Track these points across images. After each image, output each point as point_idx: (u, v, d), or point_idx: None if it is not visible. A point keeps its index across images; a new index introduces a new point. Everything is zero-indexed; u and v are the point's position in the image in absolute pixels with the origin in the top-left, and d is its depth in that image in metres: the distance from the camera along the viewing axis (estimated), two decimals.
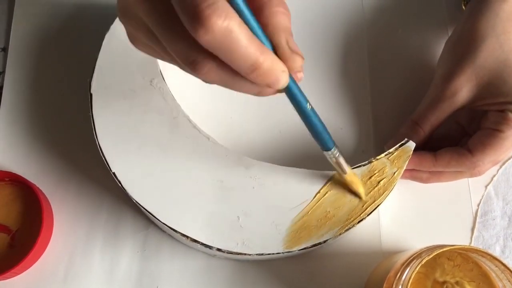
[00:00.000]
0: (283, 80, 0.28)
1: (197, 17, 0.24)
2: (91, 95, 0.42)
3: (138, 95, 0.42)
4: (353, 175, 0.39)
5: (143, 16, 0.28)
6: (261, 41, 0.27)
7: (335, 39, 0.50)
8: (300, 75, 0.30)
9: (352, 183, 0.39)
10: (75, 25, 0.50)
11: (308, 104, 0.33)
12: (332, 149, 0.36)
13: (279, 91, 0.30)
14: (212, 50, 0.25)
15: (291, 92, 0.31)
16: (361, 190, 0.39)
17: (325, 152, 0.36)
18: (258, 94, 0.29)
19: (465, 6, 0.48)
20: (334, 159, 0.37)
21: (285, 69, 0.28)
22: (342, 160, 0.37)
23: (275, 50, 0.28)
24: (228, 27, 0.24)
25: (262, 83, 0.27)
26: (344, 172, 0.38)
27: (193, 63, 0.27)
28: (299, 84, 0.31)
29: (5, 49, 0.50)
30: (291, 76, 0.29)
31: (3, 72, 0.49)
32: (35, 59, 0.49)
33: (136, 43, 0.31)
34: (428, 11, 0.51)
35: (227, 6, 0.25)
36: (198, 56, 0.26)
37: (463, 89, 0.41)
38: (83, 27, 0.50)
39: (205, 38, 0.24)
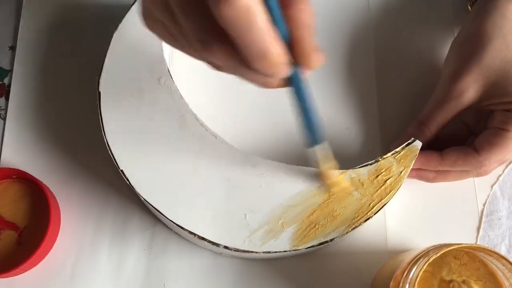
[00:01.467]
0: (284, 74, 0.28)
1: None
2: (99, 93, 0.42)
3: (146, 93, 0.42)
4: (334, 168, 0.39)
5: None
6: (279, 31, 0.27)
7: (341, 40, 0.50)
8: (316, 63, 0.29)
9: (331, 183, 0.40)
10: (83, 24, 0.50)
11: (310, 97, 0.33)
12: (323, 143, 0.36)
13: (283, 85, 0.30)
14: (228, 27, 0.25)
15: (295, 86, 0.31)
16: (342, 184, 0.40)
17: (316, 147, 0.36)
18: (262, 85, 0.29)
19: (471, 7, 0.48)
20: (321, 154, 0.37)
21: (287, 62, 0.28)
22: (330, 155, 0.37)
23: (295, 44, 0.28)
24: (249, 7, 0.24)
25: (269, 74, 0.27)
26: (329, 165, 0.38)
27: (204, 42, 0.27)
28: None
29: (13, 48, 0.50)
30: (298, 73, 0.29)
31: (11, 70, 0.49)
32: (43, 57, 0.49)
33: (148, 19, 0.31)
34: (434, 11, 0.51)
35: None
36: (210, 36, 0.27)
37: (470, 89, 0.41)
38: (91, 26, 0.50)
39: (225, 12, 0.24)
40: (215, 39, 0.27)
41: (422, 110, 0.44)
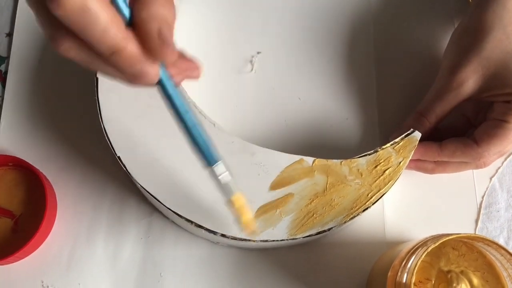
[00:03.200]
0: (151, 74, 0.26)
1: None
2: (96, 79, 0.41)
3: None
4: (241, 198, 0.34)
5: None
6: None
7: (341, 31, 0.50)
8: (180, 78, 0.27)
9: (239, 208, 0.35)
10: None
11: (187, 109, 0.29)
12: (217, 164, 0.32)
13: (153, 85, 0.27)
14: (69, 26, 0.24)
15: (165, 92, 0.28)
16: (247, 217, 0.35)
17: (208, 169, 0.32)
18: (127, 82, 0.27)
19: None
20: (217, 177, 0.32)
21: (155, 61, 0.26)
22: (228, 179, 0.33)
23: (144, 40, 0.25)
24: (84, 4, 0.23)
25: (126, 70, 0.26)
26: (230, 195, 0.34)
27: (52, 38, 0.25)
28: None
29: (10, 35, 0.50)
30: (167, 75, 0.27)
31: (8, 57, 0.49)
32: (40, 44, 0.49)
33: None
34: (435, 3, 0.51)
35: None
36: (57, 31, 0.25)
37: (469, 80, 0.41)
38: None
39: (57, 13, 0.23)
40: (63, 33, 0.25)
41: (421, 101, 0.44)
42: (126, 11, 0.25)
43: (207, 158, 0.32)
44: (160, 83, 0.28)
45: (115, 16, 0.24)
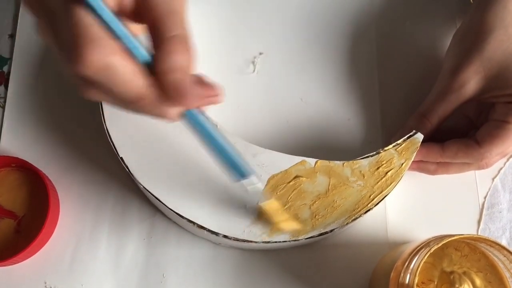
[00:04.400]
0: (171, 115, 0.28)
1: (74, 52, 0.23)
2: None
3: None
4: (275, 203, 0.37)
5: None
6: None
7: (343, 31, 0.50)
8: (201, 105, 0.29)
9: (274, 213, 0.37)
10: None
11: (215, 134, 0.31)
12: (250, 177, 0.33)
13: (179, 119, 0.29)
14: (92, 83, 0.25)
15: (190, 124, 0.30)
16: (280, 220, 0.38)
17: (243, 181, 0.34)
18: (155, 118, 0.29)
19: None
20: (251, 188, 0.34)
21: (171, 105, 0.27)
22: (261, 188, 0.35)
23: (164, 88, 0.27)
24: (107, 63, 0.24)
25: (148, 113, 0.27)
26: (266, 199, 0.36)
27: (79, 87, 0.27)
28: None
29: (12, 36, 0.50)
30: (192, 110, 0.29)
31: (11, 58, 0.49)
32: (42, 45, 0.49)
33: None
34: (437, 3, 0.51)
35: (109, 41, 0.24)
36: (83, 83, 0.26)
37: (471, 81, 0.41)
38: None
39: (82, 74, 0.24)
40: (89, 85, 0.26)
41: (423, 103, 0.44)
42: (147, 58, 0.26)
43: (239, 172, 0.33)
44: (186, 118, 0.30)
45: (135, 68, 0.25)
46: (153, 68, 0.26)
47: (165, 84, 0.26)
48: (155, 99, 0.26)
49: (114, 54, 0.24)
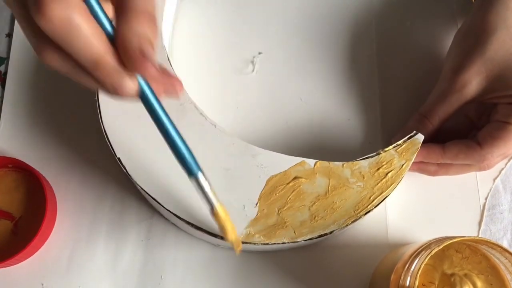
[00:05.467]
0: (128, 87, 0.26)
1: (38, 4, 0.23)
2: None
3: None
4: (222, 210, 0.34)
5: None
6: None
7: (343, 31, 0.50)
8: (161, 92, 0.28)
9: (221, 219, 0.35)
10: None
11: (169, 121, 0.30)
12: (197, 175, 0.32)
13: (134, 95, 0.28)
14: (52, 39, 0.24)
15: (146, 105, 0.29)
16: (229, 227, 0.35)
17: (190, 178, 0.33)
18: (107, 94, 0.28)
19: None
20: (199, 187, 0.33)
21: (132, 75, 0.26)
22: (208, 189, 0.33)
23: (125, 54, 0.26)
24: (69, 17, 0.23)
25: (105, 82, 0.26)
26: (211, 205, 0.34)
27: (37, 49, 0.26)
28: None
29: (9, 35, 0.50)
30: (148, 89, 0.28)
31: (8, 58, 0.49)
32: None
33: None
34: (438, 3, 0.50)
35: None
36: (41, 43, 0.26)
37: (473, 82, 0.40)
38: None
39: (42, 26, 0.24)
40: (47, 44, 0.25)
41: (424, 103, 0.43)
42: (108, 25, 0.26)
43: (189, 168, 0.32)
44: (142, 96, 0.29)
45: (97, 30, 0.25)
46: (114, 39, 0.26)
47: (127, 48, 0.26)
48: (113, 67, 0.26)
49: (79, 11, 0.24)
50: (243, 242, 0.38)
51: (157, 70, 0.27)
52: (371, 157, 0.40)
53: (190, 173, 0.32)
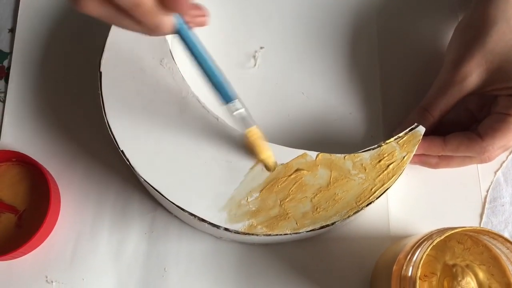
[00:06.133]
0: (166, 24, 0.29)
1: None
2: (100, 73, 0.41)
3: (147, 75, 0.42)
4: (257, 132, 0.38)
5: None
6: None
7: (344, 25, 0.50)
8: (192, 24, 0.31)
9: (255, 141, 0.39)
10: None
11: (204, 52, 0.34)
12: (234, 101, 0.36)
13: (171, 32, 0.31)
14: None
15: (183, 40, 0.32)
16: (263, 149, 0.39)
17: (226, 106, 0.36)
18: (147, 33, 0.30)
19: None
20: (236, 113, 0.37)
21: (170, 14, 0.29)
22: (246, 115, 0.37)
23: None
24: None
25: (145, 22, 0.28)
26: (245, 128, 0.38)
27: None
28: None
29: (12, 30, 0.50)
30: (183, 25, 0.31)
31: (11, 52, 0.49)
32: (42, 39, 0.49)
33: None
34: None
35: None
36: None
37: (473, 74, 0.41)
38: None
39: None
40: None
41: (425, 96, 0.43)
42: None
43: (224, 96, 0.36)
44: (178, 32, 0.32)
45: None
46: None
47: None
48: (151, 7, 0.28)
49: None
50: (245, 233, 0.38)
51: (190, 5, 0.30)
52: (373, 149, 0.40)
53: (228, 100, 0.36)
